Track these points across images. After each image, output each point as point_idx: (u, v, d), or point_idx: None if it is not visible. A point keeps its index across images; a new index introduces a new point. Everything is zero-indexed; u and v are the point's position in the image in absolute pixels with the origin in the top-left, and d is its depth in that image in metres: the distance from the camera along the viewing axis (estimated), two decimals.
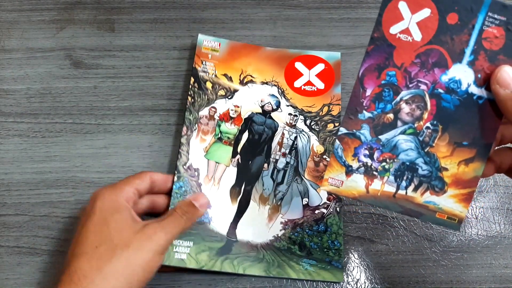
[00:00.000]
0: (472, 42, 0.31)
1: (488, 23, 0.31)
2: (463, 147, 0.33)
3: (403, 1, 0.31)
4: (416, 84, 0.33)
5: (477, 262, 0.47)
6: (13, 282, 0.45)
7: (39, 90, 0.55)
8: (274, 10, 0.62)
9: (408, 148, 0.33)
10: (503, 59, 0.31)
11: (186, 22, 0.60)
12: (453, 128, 0.33)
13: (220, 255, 0.46)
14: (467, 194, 0.34)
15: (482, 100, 0.32)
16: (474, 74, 0.32)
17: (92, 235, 0.38)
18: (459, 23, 0.31)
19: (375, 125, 0.33)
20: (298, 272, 0.45)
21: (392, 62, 0.32)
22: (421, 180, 0.34)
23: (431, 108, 0.33)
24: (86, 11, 0.61)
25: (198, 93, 0.53)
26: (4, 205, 0.49)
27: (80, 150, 0.52)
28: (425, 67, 0.32)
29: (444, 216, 0.34)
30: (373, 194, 0.35)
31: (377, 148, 0.34)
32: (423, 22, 0.31)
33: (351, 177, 0.35)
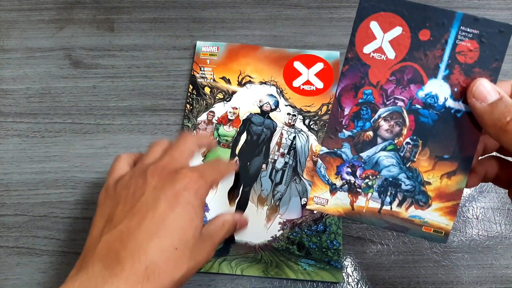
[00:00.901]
0: (446, 56, 0.32)
1: (461, 37, 0.31)
2: (444, 160, 0.33)
3: (374, 21, 0.32)
4: (393, 101, 0.33)
5: (477, 263, 0.47)
6: (13, 283, 0.45)
7: (38, 90, 0.55)
8: (274, 9, 0.61)
9: (390, 164, 0.34)
10: (479, 71, 0.31)
11: (186, 21, 0.60)
12: (433, 142, 0.33)
13: (217, 257, 0.46)
14: (452, 207, 0.34)
15: (460, 113, 0.32)
16: (451, 88, 0.32)
17: (175, 232, 0.33)
18: (431, 39, 0.31)
19: (356, 143, 0.34)
20: (297, 272, 0.45)
21: (367, 81, 0.33)
22: (404, 195, 0.34)
23: (409, 123, 0.33)
24: (85, 11, 0.61)
25: (197, 100, 0.54)
26: (3, 205, 0.49)
27: (80, 150, 0.52)
28: (400, 84, 0.33)
29: (431, 229, 0.34)
30: (358, 211, 0.35)
31: (359, 165, 0.34)
32: (396, 40, 0.32)
33: (335, 195, 0.35)
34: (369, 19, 0.32)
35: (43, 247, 0.47)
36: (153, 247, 0.31)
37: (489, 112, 0.30)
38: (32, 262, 0.46)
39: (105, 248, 0.32)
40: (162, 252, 0.32)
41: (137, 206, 0.33)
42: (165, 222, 0.32)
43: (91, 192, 0.50)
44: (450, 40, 0.31)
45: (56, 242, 0.47)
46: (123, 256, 0.31)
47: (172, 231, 0.32)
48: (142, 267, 0.30)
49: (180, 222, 0.33)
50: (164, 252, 0.32)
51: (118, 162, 0.40)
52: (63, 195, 0.50)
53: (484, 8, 0.61)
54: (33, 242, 0.47)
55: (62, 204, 0.49)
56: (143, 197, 0.34)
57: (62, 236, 0.48)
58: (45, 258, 0.47)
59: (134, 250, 0.31)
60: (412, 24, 0.31)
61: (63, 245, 0.47)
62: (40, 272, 0.46)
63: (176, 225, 0.33)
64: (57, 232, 0.48)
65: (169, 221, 0.32)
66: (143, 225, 0.32)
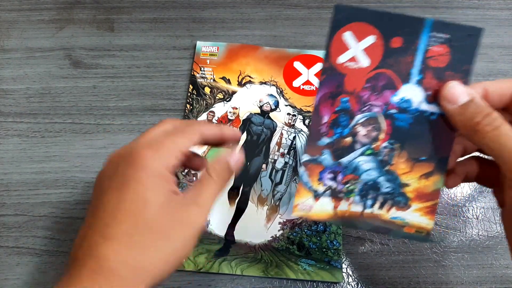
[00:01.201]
0: (417, 62, 0.32)
1: (432, 42, 0.32)
2: (421, 162, 0.34)
3: (348, 31, 0.33)
4: (369, 108, 0.34)
5: (478, 263, 0.47)
6: (12, 283, 0.45)
7: (38, 90, 0.55)
8: (274, 9, 0.61)
9: (369, 168, 0.35)
10: (450, 74, 0.32)
11: (185, 21, 0.60)
12: (410, 145, 0.34)
13: (217, 257, 0.46)
14: (431, 206, 0.35)
15: (435, 116, 0.33)
16: (424, 92, 0.33)
17: (126, 217, 0.30)
18: (403, 46, 0.32)
19: (335, 149, 0.35)
20: (297, 272, 0.45)
21: (344, 89, 0.34)
22: (385, 197, 0.35)
23: (386, 128, 0.34)
24: (85, 11, 0.61)
25: (197, 100, 0.54)
26: (3, 205, 0.49)
27: (80, 150, 0.52)
28: (375, 91, 0.33)
29: (412, 230, 0.35)
30: (342, 215, 0.36)
31: (340, 171, 0.35)
32: (369, 48, 0.33)
33: (319, 201, 0.36)
34: (343, 29, 0.33)
35: (43, 247, 0.47)
36: (103, 243, 0.29)
37: (460, 114, 0.31)
38: (32, 262, 0.46)
39: (73, 251, 0.31)
40: (114, 247, 0.29)
41: (92, 202, 0.33)
42: (114, 213, 0.30)
43: (91, 192, 0.49)
44: (421, 46, 0.32)
45: (56, 242, 0.47)
46: (81, 259, 0.30)
47: (120, 220, 0.30)
48: (95, 268, 0.29)
49: (128, 206, 0.30)
50: (117, 245, 0.29)
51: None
52: (63, 195, 0.50)
53: (484, 8, 0.61)
54: (33, 242, 0.47)
55: (62, 204, 0.49)
56: (96, 189, 0.33)
57: (62, 236, 0.48)
58: (45, 258, 0.47)
59: (86, 251, 0.30)
60: (384, 32, 0.32)
61: (63, 245, 0.47)
62: (40, 272, 0.46)
63: (124, 211, 0.30)
64: (57, 232, 0.48)
65: (116, 210, 0.30)
66: (93, 224, 0.31)
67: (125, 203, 0.30)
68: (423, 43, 0.32)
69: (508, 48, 0.58)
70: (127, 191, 0.31)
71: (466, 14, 0.61)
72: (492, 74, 0.56)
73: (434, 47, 0.32)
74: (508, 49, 0.58)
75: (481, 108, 0.30)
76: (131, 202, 0.30)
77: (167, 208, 0.31)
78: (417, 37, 0.32)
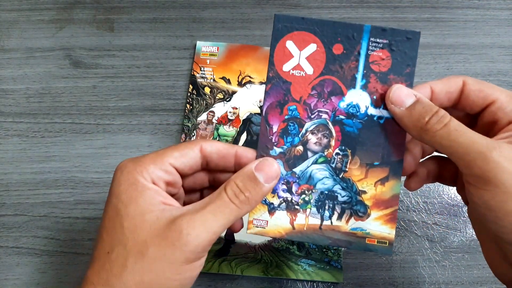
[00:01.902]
0: (361, 67, 0.33)
1: (372, 47, 0.32)
2: (375, 167, 0.33)
3: (289, 40, 0.33)
4: (317, 115, 0.34)
5: (478, 263, 0.47)
6: (12, 283, 0.45)
7: (38, 90, 0.55)
8: (274, 9, 0.61)
9: (323, 176, 0.34)
10: (394, 78, 0.32)
11: (185, 21, 0.60)
12: (362, 150, 0.33)
13: (217, 257, 0.46)
14: (391, 214, 0.33)
15: (383, 119, 0.33)
16: (370, 97, 0.33)
17: (105, 234, 0.29)
18: (345, 52, 0.33)
19: (287, 159, 0.34)
20: (297, 273, 0.45)
21: (291, 97, 0.34)
22: (342, 207, 0.34)
23: (336, 134, 0.33)
24: (85, 11, 0.60)
25: (197, 99, 0.54)
26: (3, 205, 0.49)
27: (79, 150, 0.52)
28: (322, 97, 0.33)
29: (374, 241, 0.34)
30: (300, 230, 0.34)
31: (294, 181, 0.34)
32: (312, 56, 0.33)
33: (274, 215, 0.34)
34: (285, 38, 0.33)
35: (43, 247, 0.47)
36: (90, 265, 0.29)
37: (408, 115, 0.31)
38: (32, 262, 0.46)
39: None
40: (95, 268, 0.28)
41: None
42: (99, 231, 0.29)
43: (91, 192, 0.50)
44: (362, 52, 0.33)
45: (56, 242, 0.47)
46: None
47: (101, 238, 0.29)
48: None
49: (106, 223, 0.29)
50: (97, 265, 0.28)
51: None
52: (63, 195, 0.50)
53: (484, 8, 0.61)
54: (33, 242, 0.47)
55: (62, 204, 0.49)
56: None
57: (62, 236, 0.48)
58: (45, 258, 0.47)
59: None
60: (325, 40, 0.33)
61: (63, 245, 0.47)
62: (40, 272, 0.46)
63: (103, 228, 0.29)
64: (57, 232, 0.48)
65: (101, 228, 0.29)
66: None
67: (104, 220, 0.29)
68: (364, 48, 0.33)
69: (508, 48, 0.58)
70: (107, 208, 0.29)
71: (466, 14, 0.61)
72: (492, 74, 0.56)
73: (375, 52, 0.32)
74: (508, 49, 0.58)
75: (428, 107, 0.30)
76: (109, 218, 0.29)
77: (145, 221, 0.28)
78: (357, 43, 0.33)
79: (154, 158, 0.30)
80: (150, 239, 0.27)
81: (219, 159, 0.32)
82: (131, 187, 0.29)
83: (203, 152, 0.32)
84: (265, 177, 0.30)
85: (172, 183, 0.31)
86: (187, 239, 0.27)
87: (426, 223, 0.49)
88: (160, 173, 0.30)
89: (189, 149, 0.31)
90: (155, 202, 0.29)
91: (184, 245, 0.27)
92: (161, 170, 0.30)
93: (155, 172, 0.30)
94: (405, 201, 0.50)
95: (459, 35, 0.59)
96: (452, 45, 0.58)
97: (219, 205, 0.29)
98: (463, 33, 0.59)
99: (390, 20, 0.60)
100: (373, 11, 0.61)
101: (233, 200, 0.29)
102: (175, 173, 0.31)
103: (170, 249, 0.27)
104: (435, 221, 0.49)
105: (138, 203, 0.28)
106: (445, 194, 0.50)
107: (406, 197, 0.50)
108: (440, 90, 0.32)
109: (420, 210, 0.49)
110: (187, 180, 0.34)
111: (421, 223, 0.49)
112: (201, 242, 0.28)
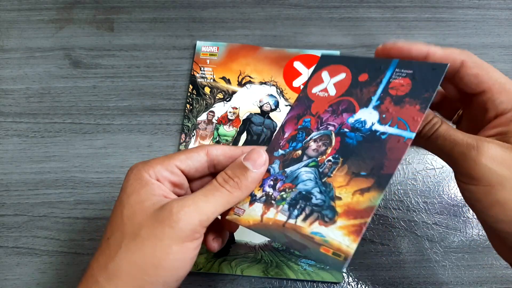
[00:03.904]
0: (379, 91, 0.34)
1: (395, 76, 0.34)
2: (360, 177, 0.33)
3: (325, 71, 0.37)
4: (325, 126, 0.35)
5: (478, 263, 0.47)
6: (12, 283, 0.45)
7: (38, 90, 0.55)
8: (274, 9, 0.61)
9: (307, 178, 0.34)
10: (409, 100, 0.33)
11: (185, 21, 0.60)
12: (353, 160, 0.34)
13: (217, 257, 0.46)
14: (358, 225, 0.31)
15: (386, 135, 0.33)
16: (379, 115, 0.34)
17: (108, 224, 0.31)
18: (368, 79, 0.35)
19: (285, 160, 0.35)
20: (297, 273, 0.45)
21: (309, 111, 0.36)
22: (312, 209, 0.33)
23: (335, 144, 0.35)
24: (85, 11, 0.60)
25: (197, 99, 0.54)
26: (3, 205, 0.49)
27: (79, 150, 0.52)
28: (335, 113, 0.35)
29: (329, 251, 0.32)
30: (266, 223, 0.34)
31: (281, 179, 0.35)
32: (339, 82, 0.36)
33: (252, 206, 0.35)
34: (322, 70, 0.37)
35: (43, 247, 0.47)
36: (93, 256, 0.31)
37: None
38: (32, 262, 0.46)
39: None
40: (96, 256, 0.30)
41: None
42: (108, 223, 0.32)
43: (91, 192, 0.50)
44: (384, 80, 0.34)
45: (56, 242, 0.47)
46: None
47: (106, 229, 0.31)
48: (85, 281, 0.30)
49: (113, 215, 0.31)
50: (98, 252, 0.30)
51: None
52: (63, 195, 0.50)
53: (484, 8, 0.61)
54: (33, 242, 0.47)
55: (62, 204, 0.49)
56: None
57: (62, 236, 0.48)
58: (45, 258, 0.47)
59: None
60: (354, 70, 0.35)
61: (63, 245, 0.47)
62: (40, 272, 0.46)
63: (110, 220, 0.31)
64: (57, 232, 0.48)
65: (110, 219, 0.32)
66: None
67: (113, 211, 0.31)
68: (387, 77, 0.34)
69: (508, 48, 0.58)
70: (117, 201, 0.31)
71: (466, 14, 0.61)
72: None
73: (397, 80, 0.33)
74: (508, 49, 0.58)
75: (425, 116, 0.31)
76: (113, 209, 0.31)
77: (142, 207, 0.29)
78: (382, 73, 0.34)
79: (162, 160, 0.32)
80: (145, 221, 0.29)
81: (226, 161, 0.34)
82: (136, 181, 0.31)
83: (210, 156, 0.33)
84: (253, 164, 0.32)
85: (177, 184, 0.33)
86: (177, 217, 0.28)
87: (426, 223, 0.49)
88: (166, 173, 0.32)
89: (195, 153, 0.33)
90: (156, 193, 0.30)
91: (174, 222, 0.28)
92: (167, 171, 0.32)
93: (160, 172, 0.31)
94: (405, 201, 0.50)
95: (459, 35, 0.59)
96: (452, 45, 0.58)
97: (210, 189, 0.31)
98: (463, 33, 0.59)
99: (390, 20, 0.60)
100: (373, 11, 0.61)
101: (223, 185, 0.31)
102: (181, 174, 0.32)
103: (160, 228, 0.28)
104: (435, 221, 0.49)
105: (140, 193, 0.30)
106: (445, 194, 0.50)
107: (406, 197, 0.50)
108: (436, 60, 0.32)
109: (420, 210, 0.49)
110: (196, 184, 0.35)
111: (421, 223, 0.49)
112: (191, 221, 0.29)
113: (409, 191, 0.50)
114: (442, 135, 0.31)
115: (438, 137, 0.31)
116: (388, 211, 0.49)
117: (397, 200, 0.50)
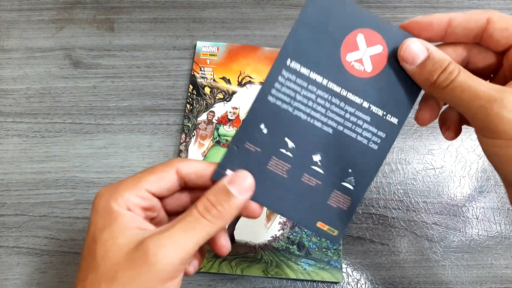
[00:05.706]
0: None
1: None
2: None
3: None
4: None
5: (477, 263, 0.47)
6: (13, 283, 0.45)
7: (38, 90, 0.55)
8: (274, 9, 0.61)
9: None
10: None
11: (186, 21, 0.60)
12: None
13: (217, 257, 0.46)
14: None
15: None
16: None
17: (82, 262, 0.29)
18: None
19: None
20: (297, 272, 0.45)
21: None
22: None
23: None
24: (85, 11, 0.61)
25: (197, 100, 0.54)
26: (3, 205, 0.49)
27: (80, 150, 0.52)
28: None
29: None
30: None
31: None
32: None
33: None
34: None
35: (43, 247, 0.47)
36: None
37: (419, 73, 0.30)
38: (32, 262, 0.46)
39: None
40: None
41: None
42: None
43: (91, 192, 0.50)
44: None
45: (56, 242, 0.47)
46: None
47: (80, 265, 0.29)
48: None
49: (85, 248, 0.29)
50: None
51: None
52: (63, 195, 0.50)
53: (484, 8, 0.61)
54: (33, 242, 0.47)
55: (62, 204, 0.49)
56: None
57: (62, 236, 0.48)
58: (45, 258, 0.47)
59: None
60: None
61: (63, 245, 0.47)
62: (40, 272, 0.46)
63: (83, 254, 0.29)
64: (57, 232, 0.48)
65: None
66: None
67: (83, 248, 0.29)
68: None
69: None
70: (86, 236, 0.29)
71: None
72: None
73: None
74: None
75: (438, 63, 0.29)
76: (87, 245, 0.29)
77: (117, 245, 0.27)
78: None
79: (129, 185, 0.30)
80: (120, 262, 0.27)
81: (198, 179, 0.31)
82: (106, 214, 0.28)
83: (180, 174, 0.31)
84: (239, 189, 0.29)
85: (149, 208, 0.30)
86: (154, 259, 0.26)
87: (426, 223, 0.49)
88: (136, 200, 0.29)
89: (166, 172, 0.30)
90: (130, 226, 0.28)
91: (151, 266, 0.26)
92: (137, 197, 0.29)
93: (130, 199, 0.29)
94: (404, 201, 0.50)
95: None
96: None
97: (189, 221, 0.28)
98: None
99: (390, 20, 0.60)
100: (373, 11, 0.61)
101: (205, 215, 0.28)
102: (152, 197, 0.30)
103: (139, 271, 0.26)
104: (435, 221, 0.49)
105: (112, 228, 0.28)
106: (444, 194, 0.50)
107: (405, 197, 0.50)
108: (458, 24, 0.31)
109: (420, 210, 0.49)
110: (168, 201, 0.33)
111: (420, 223, 0.49)
112: (170, 261, 0.26)
113: (409, 191, 0.50)
114: (460, 85, 0.28)
115: (455, 88, 0.28)
116: (388, 211, 0.49)
117: (396, 200, 0.50)
